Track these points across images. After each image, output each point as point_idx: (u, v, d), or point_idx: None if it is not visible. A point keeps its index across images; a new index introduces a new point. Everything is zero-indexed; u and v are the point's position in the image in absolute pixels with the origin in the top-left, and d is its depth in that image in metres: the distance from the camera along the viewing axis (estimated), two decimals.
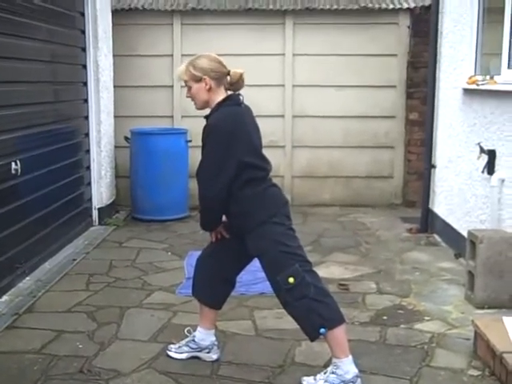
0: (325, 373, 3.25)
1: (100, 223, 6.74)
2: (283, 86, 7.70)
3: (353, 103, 7.69)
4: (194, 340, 3.58)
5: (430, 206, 6.51)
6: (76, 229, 6.19)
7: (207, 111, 3.34)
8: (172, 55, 7.62)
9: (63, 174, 5.84)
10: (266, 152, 3.37)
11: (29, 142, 5.06)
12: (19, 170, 4.74)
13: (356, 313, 4.28)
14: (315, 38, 7.63)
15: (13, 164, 4.68)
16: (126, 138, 7.18)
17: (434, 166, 6.46)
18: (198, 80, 3.25)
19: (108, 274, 5.14)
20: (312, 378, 3.26)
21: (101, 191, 6.80)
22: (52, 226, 5.52)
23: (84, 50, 6.45)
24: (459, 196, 5.68)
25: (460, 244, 5.31)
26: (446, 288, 4.79)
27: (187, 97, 3.37)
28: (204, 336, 3.56)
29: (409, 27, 7.54)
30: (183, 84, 3.43)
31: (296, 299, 3.18)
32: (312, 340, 3.29)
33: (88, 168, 6.64)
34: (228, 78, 3.28)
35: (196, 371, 3.43)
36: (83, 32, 6.43)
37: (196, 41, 7.52)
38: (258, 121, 3.43)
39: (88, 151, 6.63)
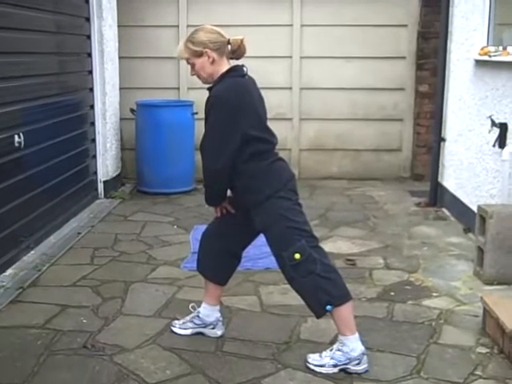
0: (331, 350, 3.21)
1: (105, 196, 6.69)
2: (291, 57, 7.58)
3: (361, 75, 7.57)
4: (198, 316, 3.54)
5: (439, 179, 6.42)
6: (81, 202, 6.15)
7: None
8: (178, 26, 7.49)
9: (68, 147, 5.78)
10: (273, 125, 3.29)
11: (32, 115, 4.99)
12: (22, 143, 4.68)
13: (363, 288, 4.23)
14: (324, 8, 7.48)
15: (16, 137, 4.61)
16: (132, 110, 7.10)
17: (443, 139, 6.35)
18: (200, 55, 3.17)
19: (113, 247, 5.10)
20: (318, 355, 3.23)
21: (106, 164, 6.74)
22: (57, 200, 5.48)
23: (88, 20, 6.35)
24: (469, 170, 5.59)
25: (469, 218, 5.24)
26: (455, 263, 4.72)
27: (192, 75, 3.28)
28: (209, 312, 3.53)
29: None
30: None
31: (302, 275, 3.12)
32: (318, 317, 3.24)
33: (93, 140, 6.58)
34: (229, 46, 3.19)
35: (200, 347, 3.40)
36: (87, 1, 6.31)
37: (202, 11, 7.38)
38: (266, 93, 3.34)
39: (93, 123, 6.56)
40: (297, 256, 3.10)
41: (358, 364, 3.15)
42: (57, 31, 5.58)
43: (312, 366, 3.20)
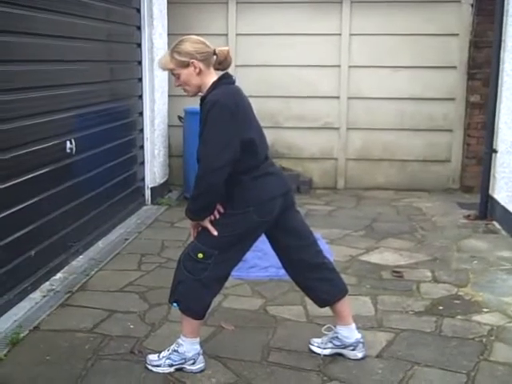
0: (168, 350, 3.26)
1: (152, 202, 6.77)
2: (339, 66, 7.52)
3: (410, 85, 7.48)
4: (337, 337, 3.41)
5: (489, 192, 6.29)
6: (129, 208, 6.23)
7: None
8: (227, 34, 7.54)
9: (117, 153, 5.87)
10: (320, 134, 3.31)
11: (83, 121, 5.08)
12: (74, 149, 4.77)
13: (410, 301, 4.16)
14: (373, 17, 7.43)
15: (68, 143, 4.71)
16: (180, 118, 7.16)
17: (495, 151, 6.22)
18: (186, 65, 3.08)
19: (160, 254, 5.14)
20: (156, 355, 3.27)
21: (154, 170, 6.81)
22: (105, 205, 5.56)
23: (139, 28, 6.44)
24: None
25: None
26: (506, 278, 4.61)
27: (177, 86, 3.18)
28: (348, 333, 3.39)
29: (472, 5, 7.26)
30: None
31: (187, 269, 3.14)
32: (168, 300, 3.26)
33: (141, 147, 6.66)
34: (215, 57, 3.11)
35: (246, 356, 3.38)
36: (138, 11, 6.41)
37: (251, 20, 7.43)
38: (313, 102, 3.33)
39: (142, 130, 6.64)
40: (200, 255, 3.11)
41: (193, 364, 3.23)
42: (108, 40, 5.67)
43: (150, 367, 3.25)
